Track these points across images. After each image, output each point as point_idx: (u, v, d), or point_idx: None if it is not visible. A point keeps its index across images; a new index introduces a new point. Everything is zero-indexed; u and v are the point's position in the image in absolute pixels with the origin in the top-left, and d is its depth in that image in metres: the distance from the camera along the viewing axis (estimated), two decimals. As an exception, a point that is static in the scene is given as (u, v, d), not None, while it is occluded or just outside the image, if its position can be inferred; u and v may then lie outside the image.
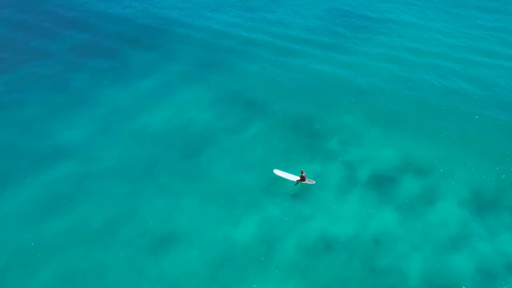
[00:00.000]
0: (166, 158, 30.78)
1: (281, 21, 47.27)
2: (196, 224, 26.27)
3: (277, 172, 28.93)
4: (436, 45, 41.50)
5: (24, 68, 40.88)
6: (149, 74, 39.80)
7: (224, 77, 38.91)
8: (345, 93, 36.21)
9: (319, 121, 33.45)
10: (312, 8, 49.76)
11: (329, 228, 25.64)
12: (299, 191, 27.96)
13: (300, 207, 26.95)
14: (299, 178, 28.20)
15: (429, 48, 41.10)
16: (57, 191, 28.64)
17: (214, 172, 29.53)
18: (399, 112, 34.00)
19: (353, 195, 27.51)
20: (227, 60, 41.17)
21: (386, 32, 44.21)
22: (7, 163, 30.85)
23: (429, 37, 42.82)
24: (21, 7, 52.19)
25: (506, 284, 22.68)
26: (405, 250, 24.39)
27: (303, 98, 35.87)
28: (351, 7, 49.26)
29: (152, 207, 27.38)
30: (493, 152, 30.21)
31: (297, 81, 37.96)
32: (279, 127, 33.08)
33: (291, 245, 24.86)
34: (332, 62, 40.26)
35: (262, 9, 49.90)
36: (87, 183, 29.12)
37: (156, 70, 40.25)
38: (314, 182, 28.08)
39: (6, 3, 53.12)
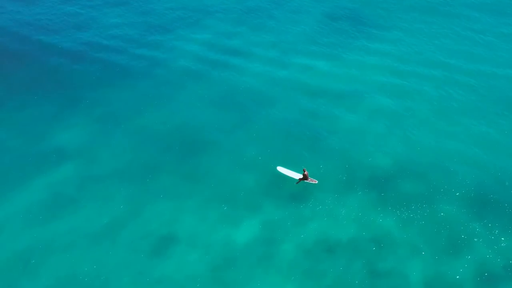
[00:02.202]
0: (167, 159, 30.74)
1: (279, 21, 47.17)
2: (197, 226, 26.26)
3: (281, 169, 28.92)
4: (436, 48, 41.49)
5: (23, 70, 40.76)
6: (147, 75, 39.68)
7: (223, 78, 38.82)
8: (345, 94, 36.18)
9: (319, 122, 33.43)
10: (311, 8, 49.67)
11: (329, 230, 25.65)
12: (299, 192, 27.95)
13: (301, 209, 26.94)
14: (301, 177, 28.17)
15: (429, 51, 41.12)
16: (58, 193, 28.59)
17: (214, 173, 29.51)
18: (399, 113, 34.00)
19: (353, 197, 27.51)
20: (227, 61, 41.08)
21: (386, 34, 44.14)
22: (7, 165, 30.79)
23: (430, 40, 42.81)
24: (17, 9, 52.03)
25: (507, 287, 22.69)
26: (405, 252, 24.42)
27: (303, 99, 35.82)
28: (350, 11, 49.17)
29: (152, 209, 27.35)
30: (493, 152, 30.24)
31: (296, 82, 37.90)
32: (279, 128, 33.02)
33: (292, 247, 24.87)
34: (332, 63, 40.20)
35: (259, 10, 49.77)
36: (88, 185, 29.07)
37: (155, 71, 40.13)
38: (317, 182, 28.06)
39: (4, 4, 52.96)
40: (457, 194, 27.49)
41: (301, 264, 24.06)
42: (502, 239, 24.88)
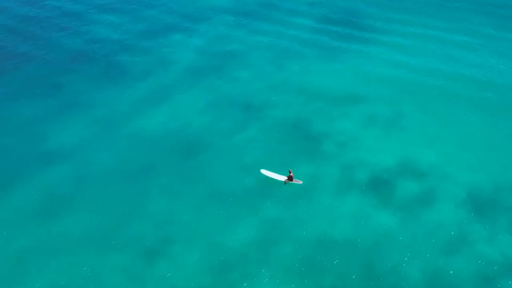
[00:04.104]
0: (163, 161, 30.61)
1: (276, 25, 47.43)
2: (194, 227, 26.07)
3: (264, 172, 28.87)
4: (435, 50, 41.86)
5: (20, 71, 40.63)
6: (145, 77, 39.70)
7: (221, 80, 38.91)
8: (342, 97, 36.33)
9: (316, 124, 33.52)
10: (307, 11, 50.00)
11: (328, 230, 25.56)
12: (297, 193, 27.88)
13: (299, 209, 26.87)
14: (286, 178, 28.18)
15: (428, 53, 41.47)
16: (53, 194, 28.33)
17: (212, 175, 29.40)
18: (396, 115, 34.18)
19: (352, 197, 27.50)
20: (225, 63, 41.17)
21: (385, 36, 44.49)
22: (3, 165, 30.51)
23: (429, 40, 43.19)
24: (15, 11, 52.01)
25: (505, 286, 22.71)
26: (404, 252, 24.36)
27: (300, 102, 35.93)
28: (346, 12, 49.56)
29: (149, 210, 27.15)
30: (491, 153, 30.43)
31: (293, 85, 38.03)
32: (275, 130, 33.07)
33: (290, 248, 24.74)
34: (329, 65, 40.46)
35: (256, 13, 50.05)
36: (84, 186, 28.85)
37: (153, 73, 40.17)
38: (301, 182, 28.12)
39: (3, 6, 52.93)
40: (456, 193, 27.55)
41: (299, 265, 23.90)
42: (500, 239, 24.93)
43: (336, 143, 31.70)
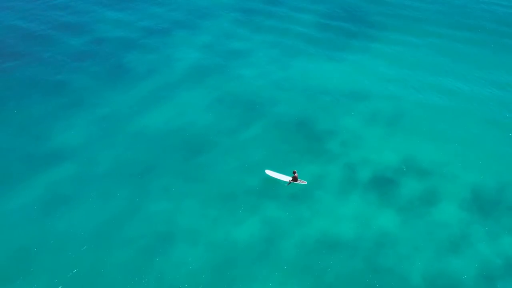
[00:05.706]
0: (166, 160, 30.69)
1: (279, 23, 47.37)
2: (196, 226, 26.16)
3: (269, 172, 28.90)
4: (436, 50, 41.69)
5: (22, 70, 40.79)
6: (149, 75, 39.77)
7: (225, 79, 38.93)
8: (346, 95, 36.28)
9: (319, 123, 33.49)
10: (311, 9, 49.88)
11: (330, 229, 25.61)
12: (299, 192, 27.92)
13: (301, 208, 26.91)
14: (291, 179, 28.20)
15: (430, 53, 41.32)
16: (56, 192, 28.44)
17: (214, 174, 29.45)
18: (400, 113, 34.11)
19: (354, 197, 27.51)
20: (229, 61, 41.18)
21: (386, 34, 44.33)
22: (5, 164, 30.68)
23: (436, 41, 43.03)
24: (19, 10, 52.20)
25: (507, 286, 22.70)
26: (406, 251, 24.40)
27: (303, 101, 35.92)
28: (351, 9, 49.40)
29: (151, 209, 27.25)
30: (493, 153, 30.33)
31: (297, 84, 38.02)
32: (279, 129, 33.08)
33: (292, 246, 24.80)
34: (333, 63, 40.39)
35: (259, 11, 49.98)
36: (87, 185, 28.94)
37: (157, 72, 40.23)
38: (306, 183, 28.10)
39: (5, 5, 53.13)
40: (459, 193, 27.52)
41: (301, 263, 23.97)
42: (503, 239, 24.90)
43: (340, 141, 31.68)
